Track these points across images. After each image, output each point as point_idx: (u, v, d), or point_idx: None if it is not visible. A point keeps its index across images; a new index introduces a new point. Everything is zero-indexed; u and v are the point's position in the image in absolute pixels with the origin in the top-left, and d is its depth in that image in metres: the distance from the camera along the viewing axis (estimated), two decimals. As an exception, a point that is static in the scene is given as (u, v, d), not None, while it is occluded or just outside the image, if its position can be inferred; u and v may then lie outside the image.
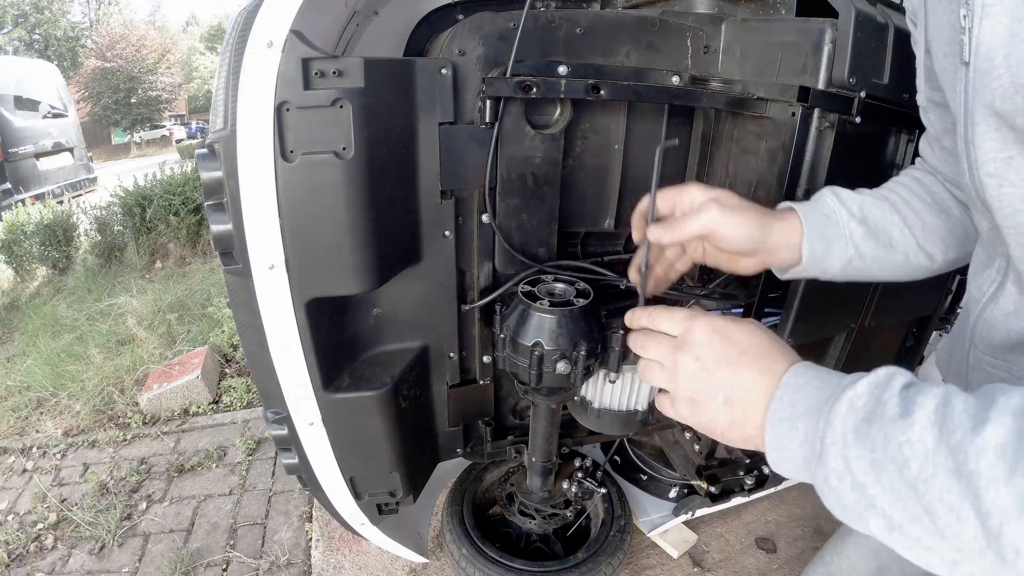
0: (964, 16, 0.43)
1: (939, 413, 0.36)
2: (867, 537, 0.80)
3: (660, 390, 0.56)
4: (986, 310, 0.54)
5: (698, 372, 0.51)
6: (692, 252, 0.71)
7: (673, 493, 1.68)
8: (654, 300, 0.74)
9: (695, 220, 0.64)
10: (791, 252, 0.65)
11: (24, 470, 2.24)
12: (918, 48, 0.57)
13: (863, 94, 0.84)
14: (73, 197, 6.70)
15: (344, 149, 0.79)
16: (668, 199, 0.68)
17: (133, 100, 21.35)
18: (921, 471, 0.35)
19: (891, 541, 0.38)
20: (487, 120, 0.90)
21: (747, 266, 0.68)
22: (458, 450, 1.29)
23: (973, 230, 0.64)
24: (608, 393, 1.13)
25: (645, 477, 1.71)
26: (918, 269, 0.66)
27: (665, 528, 1.61)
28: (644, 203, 0.70)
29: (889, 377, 0.40)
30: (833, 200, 0.66)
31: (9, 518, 1.98)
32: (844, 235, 0.64)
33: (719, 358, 0.50)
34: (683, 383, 0.52)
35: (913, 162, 0.73)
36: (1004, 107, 0.42)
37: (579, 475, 1.43)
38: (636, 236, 0.71)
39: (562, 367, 0.92)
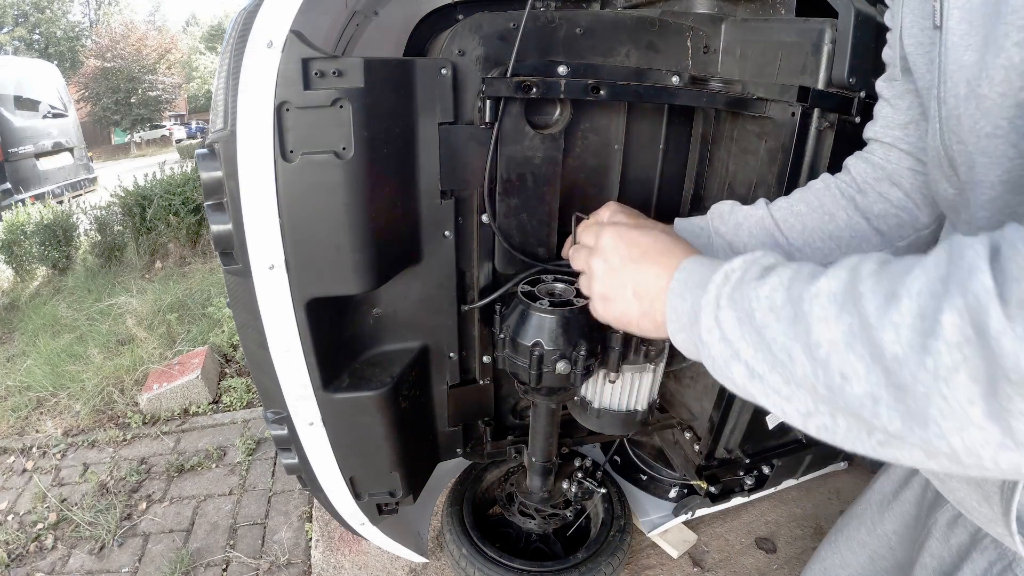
0: None
1: (790, 278, 0.41)
2: (857, 530, 0.81)
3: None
4: None
5: (607, 272, 0.59)
6: None
7: (673, 493, 1.68)
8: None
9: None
10: None
11: (24, 470, 2.24)
12: (895, 24, 0.60)
13: (863, 94, 0.84)
14: (73, 197, 6.69)
15: (344, 149, 0.79)
16: (592, 220, 0.86)
17: (133, 100, 21.35)
18: (764, 320, 0.41)
19: (752, 389, 0.43)
20: (487, 120, 0.90)
21: None
22: (458, 450, 1.29)
23: (864, 231, 0.70)
24: (608, 393, 1.13)
25: (645, 477, 1.71)
26: None
27: (665, 528, 1.61)
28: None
29: (763, 255, 0.47)
30: (712, 214, 0.78)
31: (9, 518, 1.98)
32: (715, 245, 0.76)
33: (624, 259, 0.58)
34: (596, 284, 0.61)
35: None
36: (966, 59, 0.46)
37: (579, 475, 1.43)
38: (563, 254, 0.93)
39: (562, 367, 0.92)
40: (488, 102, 0.88)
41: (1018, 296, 0.29)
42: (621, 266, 0.58)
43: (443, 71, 0.87)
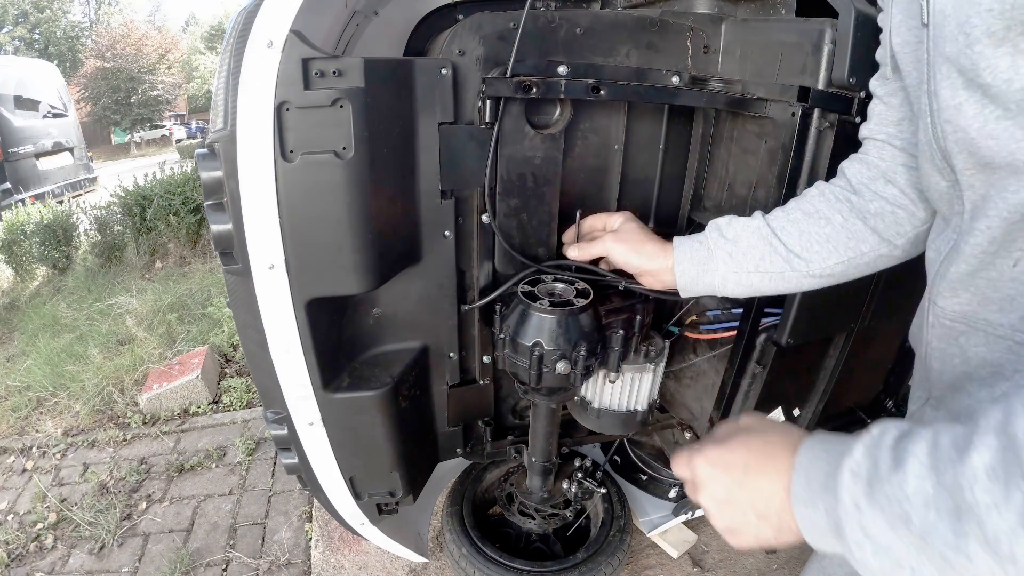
0: None
1: (931, 456, 0.37)
2: None
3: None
4: (943, 267, 0.56)
5: (719, 507, 0.53)
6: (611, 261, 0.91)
7: (673, 493, 1.67)
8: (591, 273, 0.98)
9: (595, 245, 0.89)
10: (672, 275, 0.81)
11: (24, 470, 2.24)
12: (885, 24, 0.62)
13: (863, 94, 0.84)
14: (73, 197, 6.70)
15: (344, 149, 0.79)
16: (599, 220, 0.94)
17: (133, 100, 21.34)
18: (924, 522, 0.36)
19: None
20: (487, 120, 0.90)
21: (648, 282, 0.86)
22: (458, 450, 1.29)
23: (860, 232, 0.70)
24: (608, 393, 1.13)
25: (645, 477, 1.71)
26: (802, 275, 0.74)
27: (665, 528, 1.61)
28: (575, 228, 0.96)
29: (881, 434, 0.41)
30: (710, 228, 0.80)
31: (9, 518, 1.98)
32: (716, 257, 0.77)
33: (729, 487, 0.52)
34: (716, 521, 0.54)
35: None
36: (952, 51, 0.48)
37: (579, 475, 1.43)
38: (565, 251, 0.96)
39: (562, 367, 0.92)
40: (488, 102, 0.88)
41: None
42: (729, 496, 0.52)
43: (443, 71, 0.86)
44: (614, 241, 0.87)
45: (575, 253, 0.93)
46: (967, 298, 0.53)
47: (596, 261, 0.97)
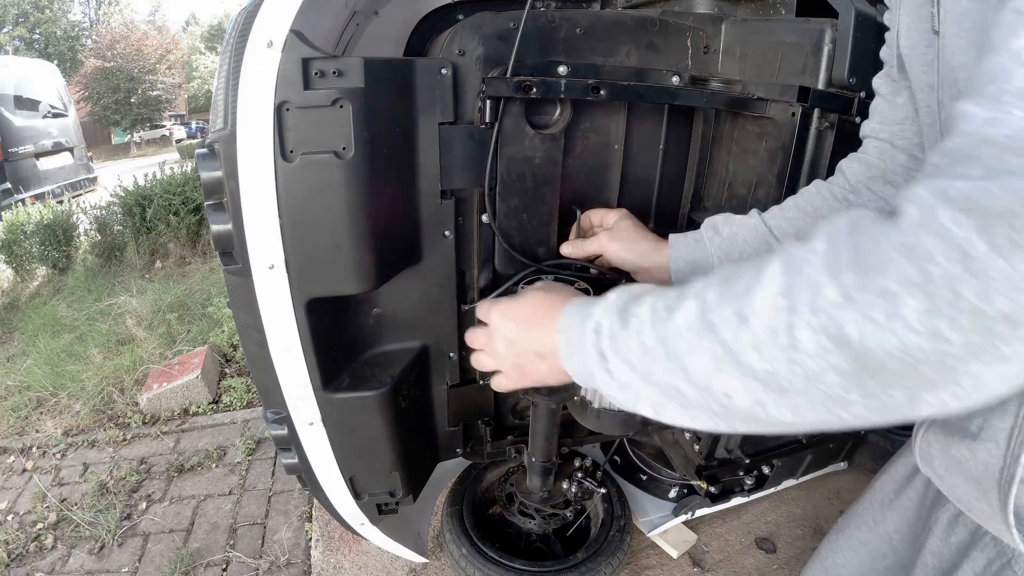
0: None
1: (651, 317, 0.45)
2: (859, 530, 0.81)
3: (491, 373, 0.69)
4: None
5: (509, 346, 0.64)
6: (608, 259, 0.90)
7: (673, 493, 1.67)
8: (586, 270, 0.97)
9: (590, 243, 0.90)
10: (667, 273, 0.81)
11: (24, 470, 2.24)
12: (892, 24, 0.61)
13: (863, 94, 0.84)
14: (73, 197, 6.69)
15: (344, 149, 0.79)
16: (596, 217, 0.94)
17: (133, 100, 21.35)
18: (645, 365, 0.45)
19: (664, 417, 0.47)
20: (487, 120, 0.90)
21: (645, 280, 0.85)
22: (458, 450, 1.29)
23: None
24: (608, 393, 1.13)
25: (645, 477, 1.71)
26: None
27: (665, 528, 1.61)
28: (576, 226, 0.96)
29: (616, 296, 0.50)
30: (706, 226, 0.80)
31: (9, 518, 1.98)
32: (710, 256, 0.77)
33: (516, 332, 0.63)
34: (506, 360, 0.65)
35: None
36: (958, 61, 0.47)
37: (579, 475, 1.43)
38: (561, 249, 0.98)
39: (562, 367, 0.92)
40: (488, 102, 0.88)
41: (866, 299, 0.31)
42: (517, 336, 0.63)
43: (443, 71, 0.87)
44: (609, 239, 0.87)
45: (569, 249, 0.94)
46: None
47: (595, 260, 0.97)
